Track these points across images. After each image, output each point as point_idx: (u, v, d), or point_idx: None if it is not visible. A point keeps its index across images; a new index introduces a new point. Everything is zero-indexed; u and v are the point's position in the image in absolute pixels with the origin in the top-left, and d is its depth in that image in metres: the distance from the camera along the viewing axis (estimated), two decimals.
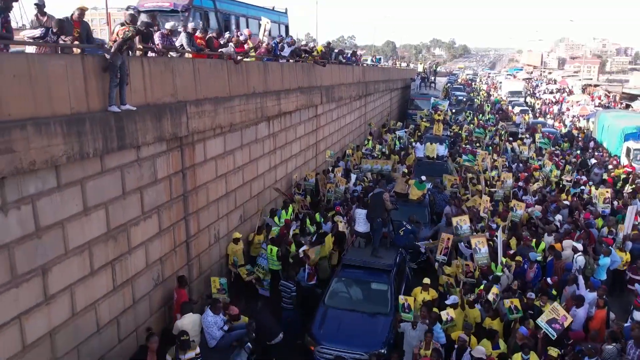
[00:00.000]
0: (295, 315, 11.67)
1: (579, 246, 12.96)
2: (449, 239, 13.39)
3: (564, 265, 12.51)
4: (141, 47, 9.82)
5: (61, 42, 8.11)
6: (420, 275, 13.14)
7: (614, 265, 13.05)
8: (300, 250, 12.77)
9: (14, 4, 7.16)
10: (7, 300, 6.91)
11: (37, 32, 7.62)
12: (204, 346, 9.36)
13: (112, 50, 8.25)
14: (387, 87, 37.18)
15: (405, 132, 31.37)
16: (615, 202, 18.16)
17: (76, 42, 8.31)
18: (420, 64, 63.63)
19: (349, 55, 27.80)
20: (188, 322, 9.45)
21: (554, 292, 11.74)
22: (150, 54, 10.36)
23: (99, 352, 8.79)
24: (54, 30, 7.68)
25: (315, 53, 19.83)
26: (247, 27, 18.85)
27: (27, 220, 7.16)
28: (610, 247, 13.11)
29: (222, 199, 12.80)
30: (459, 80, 77.57)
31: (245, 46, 13.55)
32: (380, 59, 38.43)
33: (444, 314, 10.36)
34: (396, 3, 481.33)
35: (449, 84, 61.03)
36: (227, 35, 13.96)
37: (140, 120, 9.08)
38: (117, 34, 8.46)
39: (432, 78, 47.94)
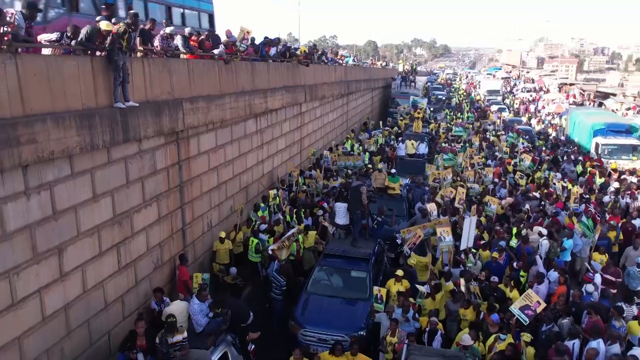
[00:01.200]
0: (284, 304, 12.33)
1: (544, 231, 14.14)
2: (419, 236, 13.87)
3: (525, 249, 13.53)
4: (142, 48, 10.64)
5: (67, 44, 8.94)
6: (398, 264, 13.95)
7: (576, 249, 14.16)
8: (269, 248, 12.96)
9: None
10: (29, 276, 7.75)
11: (54, 36, 8.46)
12: (191, 332, 9.62)
13: (109, 46, 8.99)
14: (369, 86, 38.26)
15: (382, 132, 32.33)
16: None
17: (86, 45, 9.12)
18: (401, 62, 64.83)
19: (331, 57, 28.75)
20: (176, 308, 9.83)
21: (522, 273, 12.79)
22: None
23: (107, 327, 9.65)
24: (68, 34, 8.51)
25: (299, 52, 20.74)
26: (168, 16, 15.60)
27: (46, 204, 8.00)
28: (573, 231, 14.24)
29: (214, 190, 13.69)
30: (439, 80, 79.01)
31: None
32: (350, 56, 39.35)
33: (421, 288, 11.29)
34: (378, 3, 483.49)
35: (428, 83, 62.38)
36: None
37: (142, 116, 9.94)
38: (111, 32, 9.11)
39: (412, 77, 49.13)
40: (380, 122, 35.89)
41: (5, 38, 7.14)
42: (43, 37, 8.30)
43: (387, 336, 10.04)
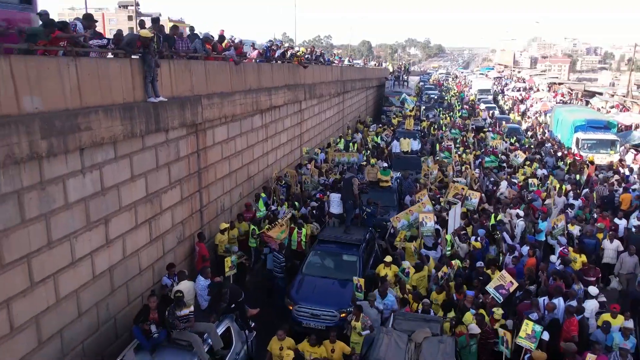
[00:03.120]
0: (284, 281, 13.60)
1: (521, 212, 15.86)
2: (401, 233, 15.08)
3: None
4: (167, 52, 12.28)
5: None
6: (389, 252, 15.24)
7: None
8: (261, 232, 13.97)
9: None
10: (84, 240, 9.38)
11: (103, 42, 10.10)
12: (197, 309, 10.24)
13: (143, 49, 10.66)
14: (363, 85, 39.97)
15: (376, 127, 34.05)
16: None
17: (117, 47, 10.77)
18: (389, 64, 66.46)
19: (328, 58, 30.44)
20: (184, 287, 10.60)
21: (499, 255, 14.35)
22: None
23: (140, 290, 11.28)
24: (114, 40, 10.16)
25: (299, 53, 22.34)
26: None
27: (96, 182, 9.63)
28: (546, 214, 15.95)
29: (226, 177, 15.33)
30: (431, 80, 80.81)
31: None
32: (339, 57, 41.14)
33: (404, 264, 12.88)
34: (372, 3, 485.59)
35: (421, 83, 64.13)
36: None
37: (170, 109, 11.58)
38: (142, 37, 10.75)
39: (405, 77, 50.85)
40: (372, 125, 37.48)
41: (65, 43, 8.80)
42: (94, 42, 9.90)
43: (352, 321, 10.62)
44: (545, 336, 9.93)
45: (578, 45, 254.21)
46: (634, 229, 15.88)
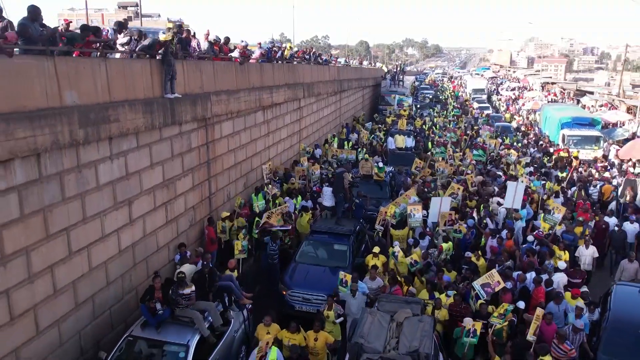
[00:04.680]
0: (277, 269, 14.40)
1: (502, 200, 17.24)
2: (386, 212, 15.95)
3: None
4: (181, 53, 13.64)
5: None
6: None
7: (528, 216, 17.20)
8: (262, 221, 14.95)
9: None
10: (111, 218, 10.73)
11: (125, 39, 11.47)
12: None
13: (163, 50, 12.03)
14: (360, 84, 41.34)
15: (372, 124, 35.44)
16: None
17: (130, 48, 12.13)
18: (383, 65, 67.87)
19: (325, 58, 31.83)
20: (186, 269, 11.18)
21: (482, 240, 15.70)
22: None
23: (157, 266, 12.60)
24: (135, 37, 11.55)
25: (287, 50, 23.01)
26: None
27: (122, 167, 10.98)
28: (526, 202, 17.35)
29: (232, 169, 16.68)
30: (427, 80, 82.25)
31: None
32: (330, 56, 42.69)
33: (395, 246, 14.11)
34: (370, 3, 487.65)
35: (416, 83, 65.54)
36: None
37: (183, 105, 12.94)
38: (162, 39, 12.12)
39: (400, 77, 52.27)
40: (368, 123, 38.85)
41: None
42: (118, 41, 11.27)
43: (325, 310, 11.21)
44: (521, 305, 11.31)
45: (575, 46, 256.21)
46: (616, 229, 16.17)
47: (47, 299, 9.15)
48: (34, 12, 8.83)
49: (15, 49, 8.38)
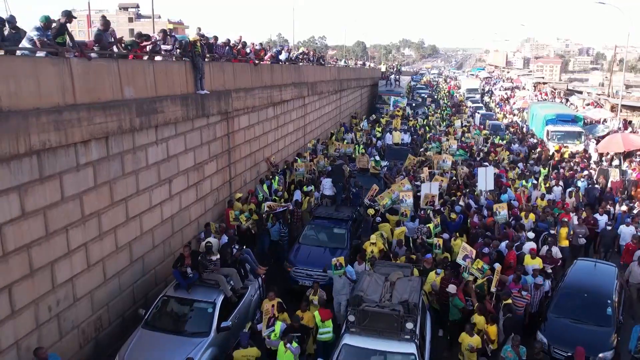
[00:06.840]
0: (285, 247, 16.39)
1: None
2: (374, 189, 18.64)
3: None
4: (208, 55, 15.89)
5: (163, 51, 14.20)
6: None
7: (510, 199, 19.45)
8: (265, 205, 16.68)
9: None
10: (156, 193, 12.95)
11: (169, 47, 13.72)
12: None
13: (192, 53, 14.28)
14: (358, 84, 43.63)
15: (368, 122, 37.72)
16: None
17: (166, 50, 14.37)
18: (382, 64, 70.11)
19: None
20: (212, 241, 13.48)
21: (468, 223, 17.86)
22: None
23: (189, 237, 14.84)
24: (176, 45, 13.82)
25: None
26: None
27: (164, 151, 13.22)
28: (507, 188, 19.65)
29: (248, 157, 18.93)
30: (423, 81, 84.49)
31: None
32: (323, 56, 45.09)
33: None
34: (367, 4, 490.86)
35: (412, 83, 67.83)
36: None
37: (211, 100, 15.18)
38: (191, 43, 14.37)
39: (397, 77, 54.54)
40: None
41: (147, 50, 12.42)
42: (163, 47, 13.52)
43: (310, 295, 12.11)
44: (497, 266, 13.55)
45: (570, 46, 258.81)
46: (608, 227, 16.61)
47: (111, 254, 11.40)
48: (106, 24, 11.06)
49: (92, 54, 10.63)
